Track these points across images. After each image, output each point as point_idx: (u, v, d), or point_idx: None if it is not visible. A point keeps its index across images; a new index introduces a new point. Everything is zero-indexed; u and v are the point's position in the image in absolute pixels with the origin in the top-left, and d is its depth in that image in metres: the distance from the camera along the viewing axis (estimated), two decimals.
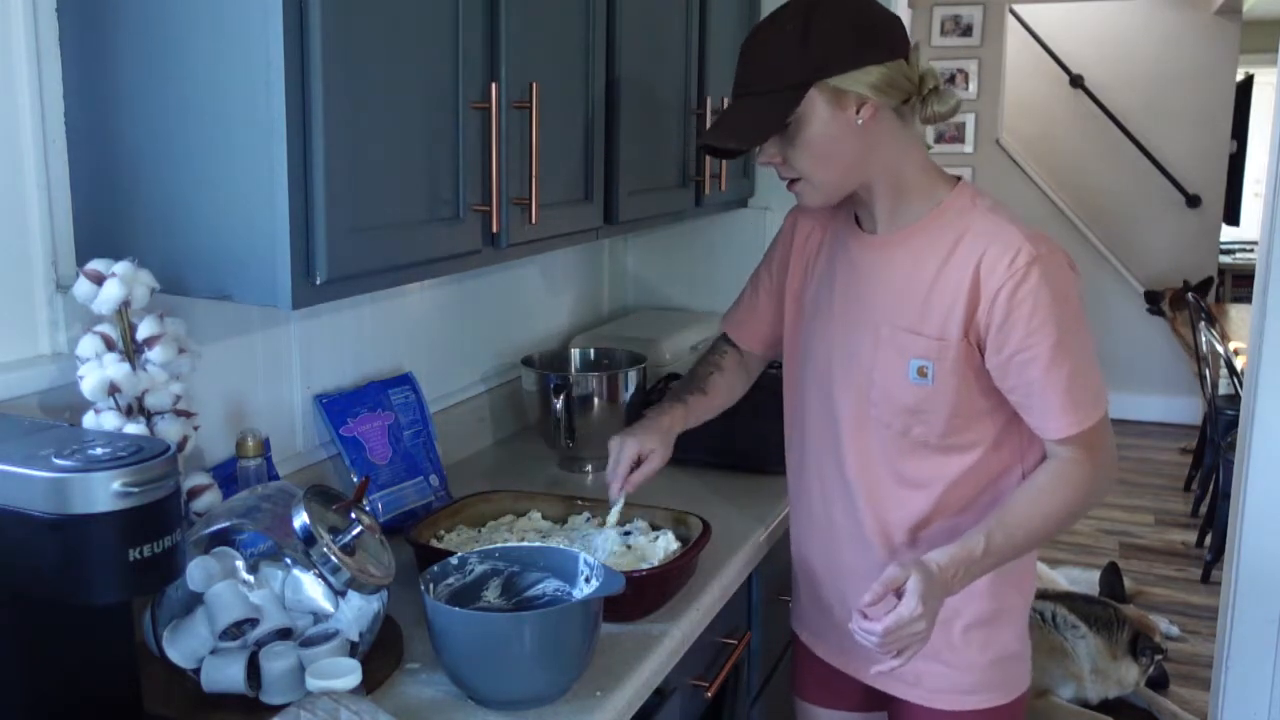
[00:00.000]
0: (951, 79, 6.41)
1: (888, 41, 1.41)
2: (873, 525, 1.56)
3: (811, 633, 1.76)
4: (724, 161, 2.31)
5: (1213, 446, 4.52)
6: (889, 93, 1.41)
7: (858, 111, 1.41)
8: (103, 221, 1.33)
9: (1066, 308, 1.41)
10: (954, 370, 1.45)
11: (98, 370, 1.25)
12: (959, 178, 1.52)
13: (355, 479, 1.74)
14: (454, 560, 1.39)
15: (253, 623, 1.26)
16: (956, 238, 1.45)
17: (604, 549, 1.59)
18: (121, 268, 1.25)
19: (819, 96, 1.40)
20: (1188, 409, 6.16)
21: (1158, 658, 3.29)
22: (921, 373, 1.46)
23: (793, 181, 1.49)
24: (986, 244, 1.42)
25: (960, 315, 1.43)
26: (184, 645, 1.24)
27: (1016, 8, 6.41)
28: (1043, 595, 3.38)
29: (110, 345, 1.27)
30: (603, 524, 1.65)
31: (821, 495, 1.63)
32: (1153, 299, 6.23)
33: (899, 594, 1.35)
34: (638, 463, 1.64)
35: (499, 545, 1.45)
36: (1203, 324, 4.77)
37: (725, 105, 2.29)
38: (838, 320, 1.56)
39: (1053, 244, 1.44)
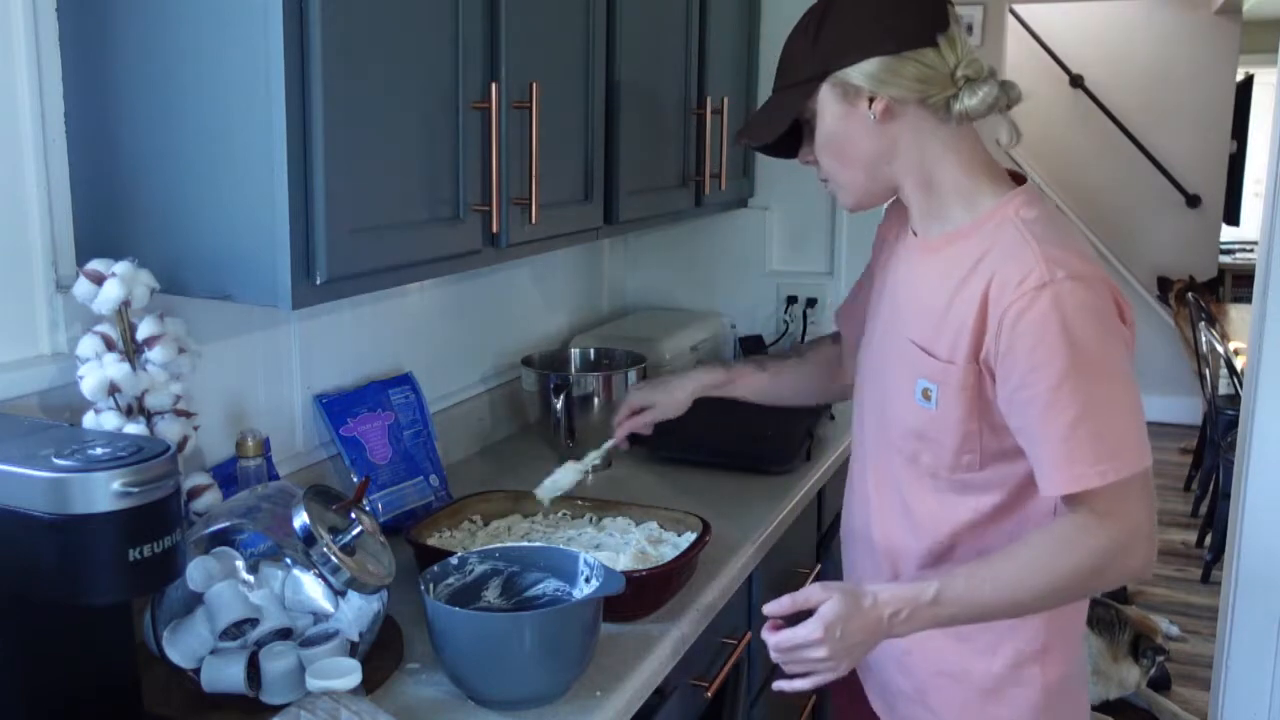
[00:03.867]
0: None
1: (903, 32, 1.28)
2: (883, 547, 1.47)
3: None
4: (723, 162, 2.34)
5: (1213, 446, 4.52)
6: (901, 85, 1.28)
7: (870, 106, 1.31)
8: (103, 221, 1.33)
9: (1082, 343, 1.21)
10: (957, 397, 1.31)
11: (98, 370, 1.25)
12: (1023, 180, 1.37)
13: (355, 479, 1.74)
14: (454, 560, 1.39)
15: (253, 623, 1.26)
16: (983, 252, 1.30)
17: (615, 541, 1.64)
18: (121, 268, 1.25)
19: (830, 92, 1.32)
20: (1188, 409, 6.15)
21: (1159, 659, 3.29)
22: (925, 395, 1.34)
23: (826, 181, 1.42)
24: (1001, 262, 1.27)
25: (968, 340, 1.29)
26: (184, 645, 1.24)
27: (1016, 8, 6.40)
28: None
29: (110, 345, 1.27)
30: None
31: (848, 500, 1.58)
32: (1164, 286, 6.24)
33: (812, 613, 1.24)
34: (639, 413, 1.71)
35: (499, 545, 1.45)
36: (1203, 324, 4.76)
37: (725, 105, 2.31)
38: (880, 327, 1.47)
39: (1084, 270, 1.24)
